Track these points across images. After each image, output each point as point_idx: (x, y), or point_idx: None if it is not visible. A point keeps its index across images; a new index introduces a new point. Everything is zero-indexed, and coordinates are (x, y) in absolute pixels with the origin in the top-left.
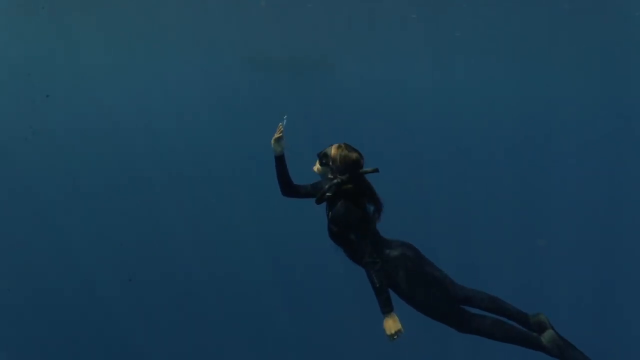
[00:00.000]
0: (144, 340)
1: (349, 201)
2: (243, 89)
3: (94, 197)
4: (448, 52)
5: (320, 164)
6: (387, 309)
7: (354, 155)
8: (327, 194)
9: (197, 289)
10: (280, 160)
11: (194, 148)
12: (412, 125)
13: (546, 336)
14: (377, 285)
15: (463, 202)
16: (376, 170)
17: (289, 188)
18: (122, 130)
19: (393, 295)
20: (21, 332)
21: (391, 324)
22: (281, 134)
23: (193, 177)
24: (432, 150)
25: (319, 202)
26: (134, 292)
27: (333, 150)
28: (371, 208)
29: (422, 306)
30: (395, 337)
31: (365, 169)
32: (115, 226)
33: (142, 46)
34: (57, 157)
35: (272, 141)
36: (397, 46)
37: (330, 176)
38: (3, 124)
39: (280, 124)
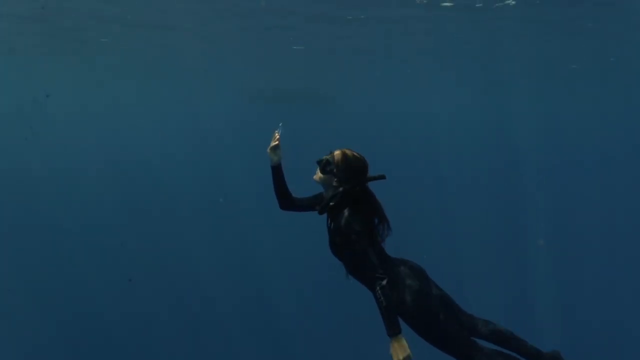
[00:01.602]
0: (143, 340)
1: (354, 210)
2: (245, 121)
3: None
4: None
5: (323, 172)
6: (394, 330)
7: (359, 160)
8: (331, 203)
9: (197, 289)
10: (277, 171)
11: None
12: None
13: None
14: (384, 303)
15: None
16: (383, 177)
17: (287, 200)
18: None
19: None
20: (21, 332)
21: (399, 349)
22: (277, 142)
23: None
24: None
25: (322, 212)
26: (134, 292)
27: (337, 156)
28: (376, 220)
29: (428, 333)
30: None
31: (371, 175)
32: (117, 227)
33: (146, 80)
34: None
35: (269, 150)
36: (391, 79)
37: (334, 184)
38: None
39: (277, 131)
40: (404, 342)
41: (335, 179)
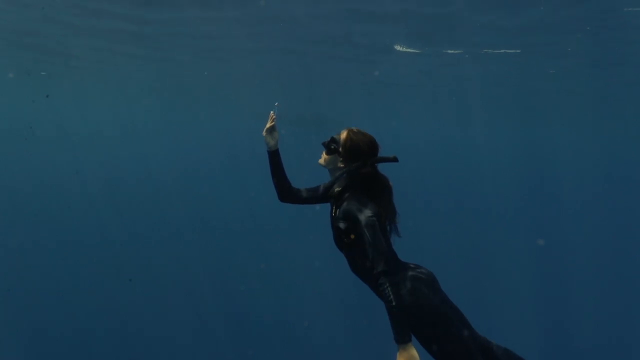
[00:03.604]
0: (143, 340)
1: (363, 193)
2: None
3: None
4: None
5: (328, 152)
6: (403, 337)
7: (367, 138)
8: (337, 188)
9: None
10: (274, 156)
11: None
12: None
13: None
14: (394, 303)
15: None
16: (395, 160)
17: (287, 190)
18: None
19: None
20: (21, 332)
21: (407, 358)
22: (274, 123)
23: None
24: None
25: (325, 196)
26: (134, 292)
27: (344, 135)
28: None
29: (438, 347)
30: None
31: (381, 156)
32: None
33: (159, 101)
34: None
35: (264, 132)
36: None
37: (340, 165)
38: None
39: (272, 112)
40: (414, 351)
41: (341, 159)
